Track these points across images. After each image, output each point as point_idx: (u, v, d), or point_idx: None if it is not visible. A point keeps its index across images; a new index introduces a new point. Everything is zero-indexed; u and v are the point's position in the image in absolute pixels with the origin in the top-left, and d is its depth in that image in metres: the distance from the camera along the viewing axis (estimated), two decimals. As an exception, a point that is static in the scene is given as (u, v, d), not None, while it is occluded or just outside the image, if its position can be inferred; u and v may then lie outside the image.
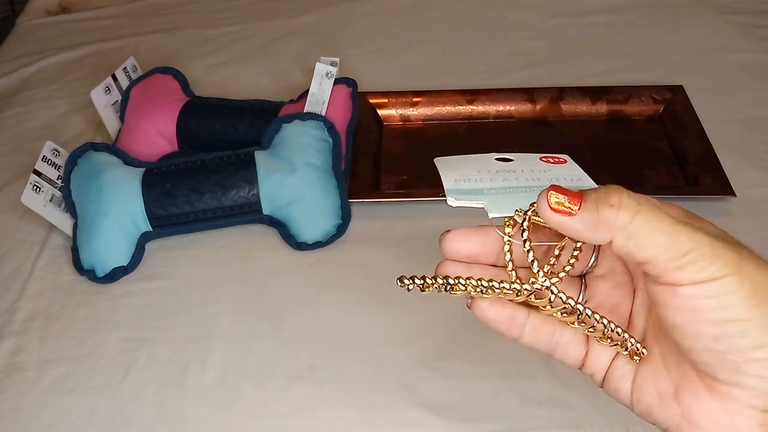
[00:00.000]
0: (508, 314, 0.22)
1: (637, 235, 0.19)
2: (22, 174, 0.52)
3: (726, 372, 0.19)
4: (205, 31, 0.69)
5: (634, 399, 0.22)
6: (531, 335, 0.23)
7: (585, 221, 0.19)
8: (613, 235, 0.19)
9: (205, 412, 0.38)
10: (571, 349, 0.23)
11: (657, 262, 0.19)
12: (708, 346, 0.19)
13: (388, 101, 0.56)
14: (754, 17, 0.65)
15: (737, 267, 0.19)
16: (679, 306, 0.19)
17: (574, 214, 0.19)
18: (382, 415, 0.37)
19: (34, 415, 0.38)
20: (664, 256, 0.19)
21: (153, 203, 0.45)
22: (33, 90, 0.63)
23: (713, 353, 0.19)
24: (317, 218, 0.46)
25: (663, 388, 0.21)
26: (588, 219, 0.19)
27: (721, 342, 0.19)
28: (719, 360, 0.19)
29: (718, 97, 0.56)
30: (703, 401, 0.20)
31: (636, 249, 0.19)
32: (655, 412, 0.21)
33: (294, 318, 0.42)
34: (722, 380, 0.19)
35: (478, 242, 0.23)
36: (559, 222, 0.20)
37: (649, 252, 0.19)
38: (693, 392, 0.20)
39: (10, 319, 0.43)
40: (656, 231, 0.19)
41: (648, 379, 0.22)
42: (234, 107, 0.52)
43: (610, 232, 0.19)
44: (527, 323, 0.22)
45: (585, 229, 0.19)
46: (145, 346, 0.41)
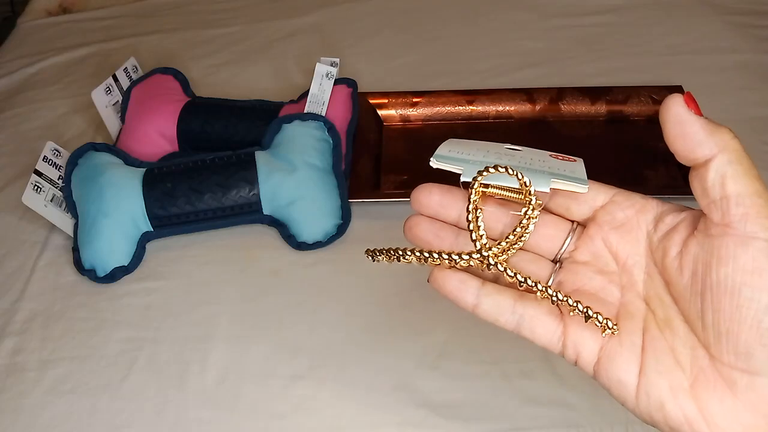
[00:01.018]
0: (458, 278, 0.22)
1: (739, 162, 0.19)
2: (22, 174, 0.52)
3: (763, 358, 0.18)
4: (205, 31, 0.69)
5: (640, 395, 0.20)
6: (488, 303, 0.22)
7: (707, 123, 0.19)
8: (721, 151, 0.19)
9: (205, 412, 0.38)
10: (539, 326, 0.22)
11: (743, 201, 0.18)
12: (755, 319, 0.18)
13: (388, 101, 0.56)
14: (754, 17, 0.65)
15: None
16: (744, 264, 0.18)
17: (699, 114, 0.19)
18: (383, 415, 0.37)
19: (34, 415, 0.38)
20: (753, 198, 0.18)
21: (153, 203, 0.45)
22: (34, 90, 0.63)
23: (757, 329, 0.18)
24: (317, 218, 0.46)
25: (676, 383, 0.20)
26: (709, 125, 0.19)
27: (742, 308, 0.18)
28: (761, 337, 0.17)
29: (718, 97, 0.56)
30: (724, 400, 0.19)
31: (733, 176, 0.19)
32: (666, 406, 0.19)
33: (294, 318, 0.42)
34: (752, 368, 0.18)
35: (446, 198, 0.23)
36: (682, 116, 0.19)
37: (740, 184, 0.19)
38: (712, 389, 0.19)
39: (11, 319, 0.43)
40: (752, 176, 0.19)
41: (660, 375, 0.20)
42: (234, 108, 0.52)
43: (720, 146, 0.19)
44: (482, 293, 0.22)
45: (702, 130, 0.19)
46: (145, 346, 0.41)
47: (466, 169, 0.23)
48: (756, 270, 0.18)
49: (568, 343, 0.22)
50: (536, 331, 0.22)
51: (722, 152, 0.19)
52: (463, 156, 0.24)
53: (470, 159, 0.24)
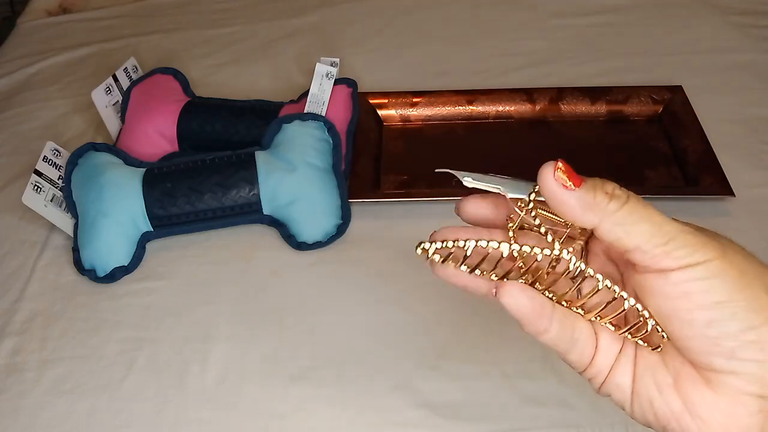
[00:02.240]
0: (539, 302, 0.21)
1: (624, 222, 0.20)
2: (22, 174, 0.52)
3: (721, 360, 0.20)
4: (205, 31, 0.69)
5: (636, 392, 0.22)
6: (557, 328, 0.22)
7: (580, 199, 0.20)
8: (602, 220, 0.20)
9: (205, 413, 0.38)
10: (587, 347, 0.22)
11: (644, 248, 0.20)
12: (701, 332, 0.20)
13: (388, 101, 0.56)
14: (754, 17, 0.65)
15: (722, 252, 0.20)
16: (670, 293, 0.20)
17: (572, 190, 0.20)
18: (382, 415, 0.37)
19: (34, 416, 0.38)
20: (651, 242, 0.20)
21: (153, 203, 0.45)
22: (34, 90, 0.63)
23: (706, 339, 0.20)
24: (317, 218, 0.46)
25: (661, 380, 0.21)
26: (583, 198, 0.20)
27: (713, 327, 0.19)
28: (713, 347, 0.19)
29: (718, 97, 0.56)
30: (703, 392, 0.20)
31: (623, 234, 0.20)
32: (655, 403, 0.21)
33: (294, 318, 0.42)
34: (718, 369, 0.20)
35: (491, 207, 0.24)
36: (556, 194, 0.20)
37: (635, 238, 0.20)
38: (692, 384, 0.21)
39: (11, 319, 0.43)
40: (642, 219, 0.20)
41: (647, 373, 0.22)
42: (234, 107, 0.52)
43: (599, 216, 0.20)
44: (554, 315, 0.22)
45: (578, 206, 0.20)
46: (145, 347, 0.41)
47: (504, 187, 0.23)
48: (681, 295, 0.20)
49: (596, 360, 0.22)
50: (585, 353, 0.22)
51: (604, 221, 0.20)
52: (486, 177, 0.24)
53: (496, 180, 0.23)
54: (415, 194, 0.49)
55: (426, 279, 0.44)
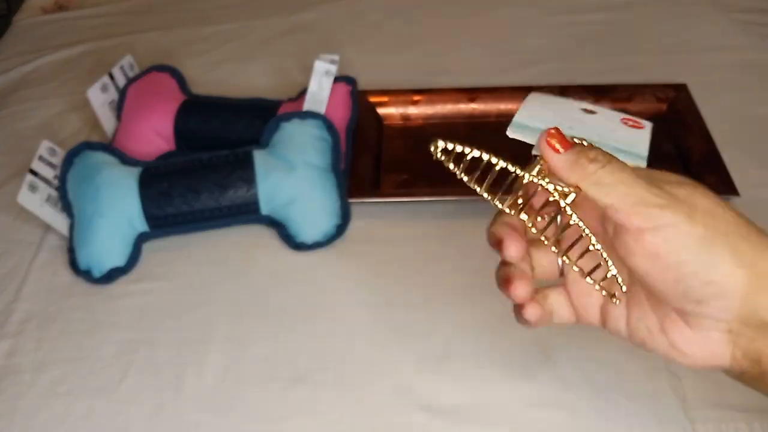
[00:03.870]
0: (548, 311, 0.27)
1: (601, 182, 0.23)
2: (17, 173, 0.52)
3: (692, 306, 0.23)
4: (202, 28, 0.69)
5: (631, 336, 0.26)
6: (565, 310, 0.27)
7: (566, 161, 0.24)
8: (582, 179, 0.24)
9: (203, 415, 0.37)
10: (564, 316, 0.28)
11: (617, 207, 0.23)
12: (672, 287, 0.23)
13: (388, 100, 0.55)
14: (759, 15, 0.64)
15: (688, 214, 0.22)
16: (643, 253, 0.23)
17: (559, 153, 0.25)
18: (383, 418, 0.36)
19: (30, 418, 0.38)
20: (623, 201, 0.23)
21: (150, 203, 0.45)
22: (29, 88, 0.63)
23: (677, 294, 0.23)
24: (316, 218, 0.46)
25: (651, 325, 0.25)
26: (567, 160, 0.24)
27: (680, 282, 0.23)
28: (683, 297, 0.23)
29: (722, 95, 0.55)
30: (683, 331, 0.24)
31: (599, 194, 0.23)
32: (647, 343, 0.26)
33: (293, 319, 0.42)
34: (691, 313, 0.24)
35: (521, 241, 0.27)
36: (547, 155, 0.25)
37: (610, 197, 0.23)
38: (674, 325, 0.25)
39: (6, 320, 0.43)
40: (618, 181, 0.23)
41: (638, 319, 0.26)
42: (232, 106, 0.52)
43: (580, 176, 0.24)
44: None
45: (564, 166, 0.24)
46: (142, 348, 0.41)
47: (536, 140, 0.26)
48: (652, 255, 0.23)
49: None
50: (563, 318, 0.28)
51: (584, 180, 0.24)
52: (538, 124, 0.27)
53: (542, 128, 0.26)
54: (415, 194, 0.48)
55: (426, 280, 0.44)
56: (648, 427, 0.35)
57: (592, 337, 0.39)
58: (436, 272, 0.44)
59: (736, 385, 0.36)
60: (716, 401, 0.36)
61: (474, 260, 0.44)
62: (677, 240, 0.22)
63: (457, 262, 0.44)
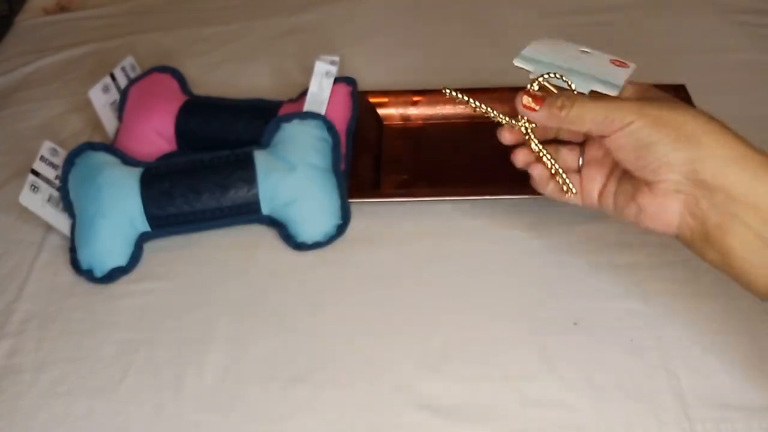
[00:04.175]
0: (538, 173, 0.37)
1: (574, 120, 0.33)
2: (19, 174, 0.52)
3: (652, 175, 0.32)
4: (203, 29, 0.69)
5: (615, 207, 0.35)
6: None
7: (541, 116, 0.34)
8: (560, 122, 0.33)
9: (203, 415, 0.37)
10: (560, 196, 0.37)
11: (592, 129, 0.33)
12: (637, 165, 0.32)
13: (388, 100, 0.56)
14: (758, 16, 0.65)
15: (638, 113, 0.31)
16: (616, 148, 0.33)
17: (536, 111, 0.34)
18: (382, 417, 0.37)
19: (30, 418, 0.38)
20: (594, 124, 0.32)
21: (151, 203, 0.45)
22: (31, 89, 0.63)
23: (642, 167, 0.32)
24: (317, 218, 0.46)
25: (627, 196, 0.34)
26: (543, 115, 0.34)
27: (640, 161, 0.32)
28: (644, 170, 0.32)
29: (721, 96, 0.55)
30: (647, 196, 0.32)
31: (576, 128, 0.33)
32: (625, 211, 0.34)
33: (293, 319, 0.42)
34: (652, 180, 0.32)
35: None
36: (526, 114, 0.35)
37: (584, 126, 0.33)
38: (642, 193, 0.33)
39: (8, 320, 0.43)
40: (585, 112, 0.32)
41: (619, 193, 0.35)
42: (233, 106, 0.52)
43: (558, 121, 0.33)
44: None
45: (542, 121, 0.34)
46: (142, 348, 0.41)
47: (537, 69, 0.35)
48: (620, 147, 0.32)
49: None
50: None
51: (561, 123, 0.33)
52: (541, 58, 0.35)
53: (545, 61, 0.35)
54: (416, 194, 0.48)
55: (426, 280, 0.44)
56: (647, 426, 0.35)
57: (591, 336, 0.39)
58: (436, 272, 0.44)
59: (735, 385, 0.36)
60: (715, 400, 0.36)
61: (474, 260, 0.44)
62: (632, 136, 0.31)
63: (457, 262, 0.44)
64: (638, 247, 0.44)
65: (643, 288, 0.41)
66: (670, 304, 0.40)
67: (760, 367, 0.37)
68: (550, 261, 0.44)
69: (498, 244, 0.45)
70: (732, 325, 0.39)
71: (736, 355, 0.38)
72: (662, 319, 0.40)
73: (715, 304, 0.40)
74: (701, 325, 0.39)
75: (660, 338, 0.39)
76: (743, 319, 0.39)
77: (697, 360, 0.38)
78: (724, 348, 0.38)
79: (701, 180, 0.30)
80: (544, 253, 0.44)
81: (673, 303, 0.40)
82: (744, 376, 0.37)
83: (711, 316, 0.40)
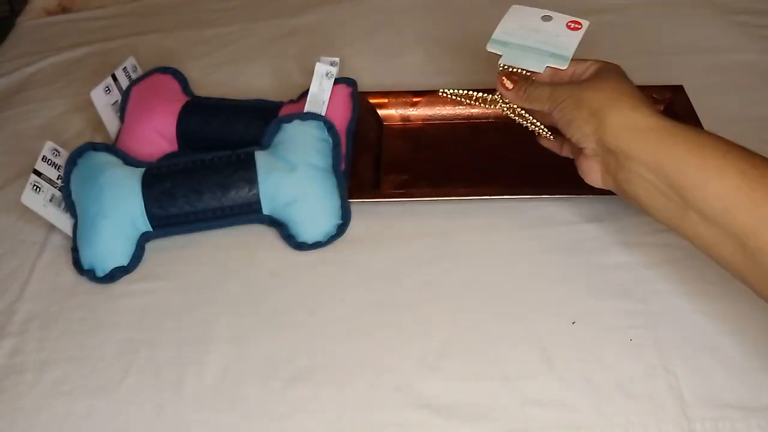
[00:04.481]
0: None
1: (531, 101, 0.42)
2: (21, 174, 0.52)
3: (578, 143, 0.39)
4: (205, 31, 0.69)
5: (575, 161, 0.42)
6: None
7: (511, 96, 0.43)
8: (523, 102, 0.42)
9: (204, 414, 0.37)
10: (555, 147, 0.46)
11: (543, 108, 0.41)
12: (569, 135, 0.40)
13: (388, 101, 0.56)
14: (755, 17, 0.65)
15: (567, 94, 0.39)
16: (556, 121, 0.41)
17: (508, 89, 0.43)
18: (382, 416, 0.37)
19: (32, 417, 0.38)
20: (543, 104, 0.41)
21: (153, 203, 0.45)
22: (32, 90, 0.63)
23: (572, 137, 0.39)
24: (317, 218, 0.46)
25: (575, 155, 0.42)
26: (512, 95, 0.43)
27: (569, 132, 0.40)
28: (573, 138, 0.39)
29: (719, 96, 0.56)
30: (580, 158, 0.40)
31: (534, 106, 0.42)
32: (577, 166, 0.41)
33: (294, 318, 0.42)
34: (579, 147, 0.39)
35: None
36: (502, 92, 0.43)
37: (539, 106, 0.41)
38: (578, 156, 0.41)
39: (9, 320, 0.43)
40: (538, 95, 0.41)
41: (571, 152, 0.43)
42: (234, 107, 0.52)
43: (521, 102, 0.43)
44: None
45: (512, 98, 0.43)
46: (144, 348, 0.41)
47: (505, 55, 0.43)
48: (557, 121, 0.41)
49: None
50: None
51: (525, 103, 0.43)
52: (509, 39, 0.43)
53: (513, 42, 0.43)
54: (416, 194, 0.48)
55: (426, 279, 0.44)
56: (646, 425, 0.35)
57: (590, 336, 0.40)
58: (435, 272, 0.44)
59: (733, 384, 0.37)
60: (714, 400, 0.36)
61: (474, 260, 0.45)
62: (562, 112, 0.39)
63: (456, 261, 0.44)
64: (637, 247, 0.44)
65: (642, 288, 0.41)
66: (669, 304, 0.41)
67: (758, 366, 0.37)
68: (550, 261, 0.44)
69: (498, 244, 0.45)
70: (730, 325, 0.39)
71: (735, 355, 0.38)
72: (661, 318, 0.40)
73: (713, 304, 0.40)
74: (700, 324, 0.39)
75: (659, 338, 0.39)
76: (742, 319, 0.39)
77: (695, 359, 0.38)
78: (723, 347, 0.38)
79: (606, 146, 0.37)
80: (544, 253, 0.44)
81: (672, 303, 0.41)
82: (742, 375, 0.37)
83: (710, 316, 0.40)
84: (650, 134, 0.34)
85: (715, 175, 0.32)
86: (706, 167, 0.32)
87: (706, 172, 0.32)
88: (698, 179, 0.32)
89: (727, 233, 0.32)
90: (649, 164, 0.34)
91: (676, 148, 0.33)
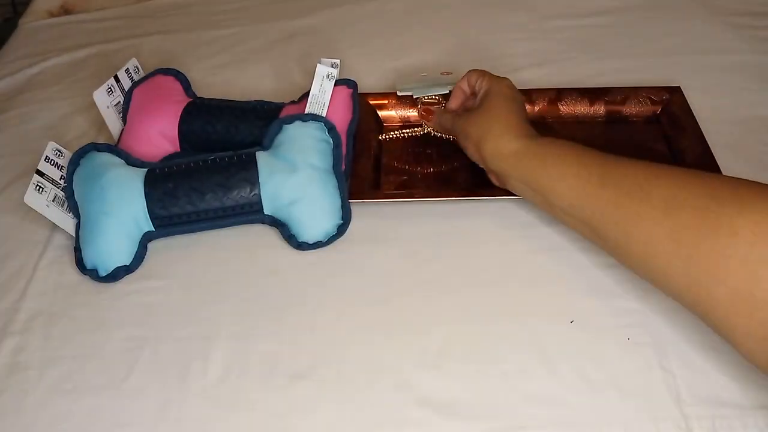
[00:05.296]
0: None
1: (441, 126, 0.51)
2: (24, 174, 0.53)
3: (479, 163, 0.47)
4: (207, 32, 0.69)
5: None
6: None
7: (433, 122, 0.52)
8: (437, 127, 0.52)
9: (206, 411, 0.38)
10: None
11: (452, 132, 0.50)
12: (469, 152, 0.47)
13: (388, 102, 0.56)
14: (752, 18, 0.65)
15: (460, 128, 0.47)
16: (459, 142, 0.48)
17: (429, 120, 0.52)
18: (382, 414, 0.37)
19: (36, 414, 0.38)
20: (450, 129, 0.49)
21: (155, 203, 0.45)
22: (35, 91, 0.64)
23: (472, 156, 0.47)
24: (318, 218, 0.46)
25: None
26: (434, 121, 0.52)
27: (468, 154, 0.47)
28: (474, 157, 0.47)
29: (716, 98, 0.56)
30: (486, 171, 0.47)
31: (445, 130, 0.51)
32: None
33: (295, 317, 0.42)
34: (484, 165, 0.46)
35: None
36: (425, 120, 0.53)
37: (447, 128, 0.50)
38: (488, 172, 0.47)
39: (13, 318, 0.44)
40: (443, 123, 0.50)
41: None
42: (235, 108, 0.53)
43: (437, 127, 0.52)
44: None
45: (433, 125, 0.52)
46: (146, 346, 0.41)
47: (415, 92, 0.52)
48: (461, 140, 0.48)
49: None
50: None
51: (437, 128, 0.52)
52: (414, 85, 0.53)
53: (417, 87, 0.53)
54: (416, 194, 0.49)
55: (426, 279, 0.44)
56: (642, 423, 0.36)
57: (588, 334, 0.40)
58: (435, 271, 0.44)
59: (730, 382, 0.37)
60: (711, 398, 0.36)
61: (473, 260, 0.45)
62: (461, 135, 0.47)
63: (456, 261, 0.45)
64: (635, 247, 0.44)
65: (639, 286, 0.42)
66: (666, 303, 0.41)
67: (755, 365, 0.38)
68: (549, 260, 0.44)
69: (497, 244, 0.46)
70: (727, 324, 0.39)
71: (732, 353, 0.38)
72: (659, 317, 0.40)
73: (710, 303, 0.40)
74: (697, 323, 0.40)
75: (656, 336, 0.39)
76: (738, 318, 0.39)
77: (693, 358, 0.38)
78: (720, 346, 0.38)
79: (489, 168, 0.45)
80: (543, 253, 0.45)
81: (670, 301, 0.41)
82: (739, 373, 0.37)
83: (706, 315, 0.40)
84: (512, 158, 0.43)
85: (557, 179, 0.40)
86: (550, 175, 0.41)
87: (550, 179, 0.41)
88: (547, 185, 0.41)
89: (579, 221, 0.40)
90: (519, 178, 0.43)
91: (531, 164, 0.42)
